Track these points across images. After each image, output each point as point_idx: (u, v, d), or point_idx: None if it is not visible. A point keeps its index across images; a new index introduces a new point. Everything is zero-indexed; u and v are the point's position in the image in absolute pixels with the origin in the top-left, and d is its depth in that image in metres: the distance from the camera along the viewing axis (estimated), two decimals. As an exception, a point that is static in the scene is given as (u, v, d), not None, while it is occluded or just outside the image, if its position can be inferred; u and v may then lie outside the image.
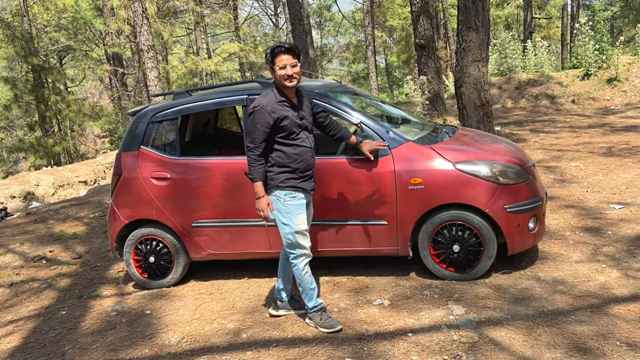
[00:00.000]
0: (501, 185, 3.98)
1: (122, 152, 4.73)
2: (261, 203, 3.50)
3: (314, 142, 3.68)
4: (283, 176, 3.51)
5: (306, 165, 3.55)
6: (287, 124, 3.44)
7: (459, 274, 4.14)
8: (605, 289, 3.78)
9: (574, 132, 9.94)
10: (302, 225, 3.56)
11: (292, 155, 3.50)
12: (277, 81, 3.45)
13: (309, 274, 3.65)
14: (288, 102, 3.48)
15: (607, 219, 5.15)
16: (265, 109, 3.39)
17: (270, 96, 3.47)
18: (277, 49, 3.40)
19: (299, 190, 3.53)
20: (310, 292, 3.67)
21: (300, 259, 3.62)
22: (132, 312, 4.31)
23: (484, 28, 7.10)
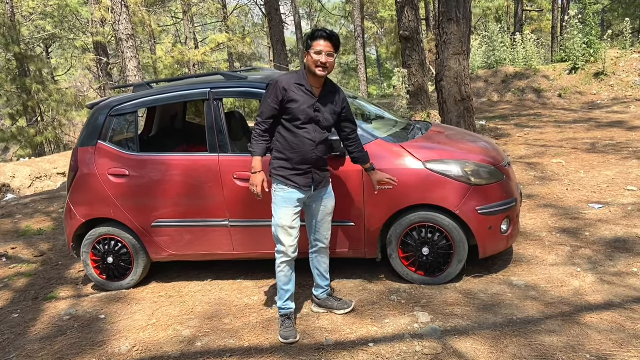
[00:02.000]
0: (473, 186, 3.80)
1: (79, 147, 4.50)
2: (256, 178, 3.32)
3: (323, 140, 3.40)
4: (277, 163, 3.37)
5: (302, 158, 3.32)
6: (294, 108, 3.25)
7: (429, 277, 3.97)
8: (578, 295, 3.62)
9: (559, 127, 9.80)
10: (285, 220, 3.35)
11: (291, 144, 3.31)
12: (308, 66, 3.26)
13: (284, 273, 3.45)
14: (307, 88, 3.30)
15: (586, 219, 4.99)
16: (279, 85, 3.25)
17: (291, 75, 3.35)
18: (318, 33, 3.23)
19: (289, 183, 3.33)
20: (282, 291, 3.48)
21: (279, 254, 3.44)
22: (86, 316, 4.10)
23: (465, 20, 6.89)
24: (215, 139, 4.16)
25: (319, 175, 3.46)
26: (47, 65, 25.81)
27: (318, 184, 3.46)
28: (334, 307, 3.68)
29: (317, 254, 3.65)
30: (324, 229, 3.58)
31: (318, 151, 3.37)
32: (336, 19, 35.75)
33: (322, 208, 3.53)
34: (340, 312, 3.65)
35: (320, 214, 3.54)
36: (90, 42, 27.06)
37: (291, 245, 3.40)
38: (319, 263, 3.67)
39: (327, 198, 3.55)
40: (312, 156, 3.35)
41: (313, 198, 3.49)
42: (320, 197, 3.52)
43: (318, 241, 3.60)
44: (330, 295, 3.75)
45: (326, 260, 3.70)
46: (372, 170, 3.66)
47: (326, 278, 3.71)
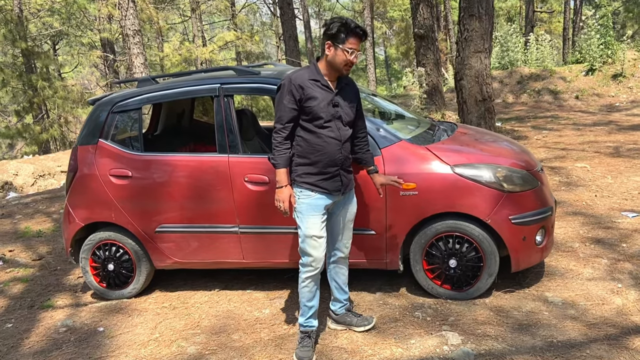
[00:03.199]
0: (505, 193, 3.47)
1: (78, 146, 4.20)
2: (282, 193, 2.99)
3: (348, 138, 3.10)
4: (301, 169, 3.02)
5: (330, 160, 3.00)
6: (314, 105, 2.93)
7: (456, 292, 3.64)
8: (622, 314, 3.29)
9: (578, 130, 9.44)
10: (313, 230, 3.02)
11: (314, 146, 2.98)
12: (335, 63, 2.93)
13: (309, 288, 3.12)
14: (323, 83, 2.98)
15: (620, 228, 4.65)
16: (294, 83, 2.92)
17: (303, 71, 3.00)
18: (356, 29, 2.90)
19: (316, 189, 3.01)
20: (304, 307, 3.15)
21: (305, 268, 3.10)
22: (83, 328, 3.80)
23: (487, 16, 6.56)
24: (225, 139, 3.85)
25: (346, 177, 3.15)
26: (54, 62, 25.59)
27: (346, 187, 3.15)
28: (353, 323, 3.36)
29: (336, 264, 3.33)
30: (345, 237, 3.27)
31: (344, 150, 3.07)
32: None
33: (345, 214, 3.22)
34: (360, 330, 3.33)
35: (342, 221, 3.22)
36: (97, 38, 26.89)
37: (320, 258, 3.08)
38: (337, 275, 3.35)
39: (350, 203, 3.24)
40: (339, 156, 3.04)
41: (337, 203, 3.18)
42: (344, 202, 3.21)
43: (338, 250, 3.28)
44: (349, 310, 3.43)
45: (345, 271, 3.38)
46: (375, 173, 3.35)
47: (345, 291, 3.40)
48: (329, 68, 2.98)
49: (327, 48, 2.93)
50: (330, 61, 2.95)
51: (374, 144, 3.56)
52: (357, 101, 3.17)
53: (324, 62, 2.98)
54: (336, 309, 3.40)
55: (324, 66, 2.99)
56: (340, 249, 3.27)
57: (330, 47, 2.93)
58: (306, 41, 27.96)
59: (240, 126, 4.17)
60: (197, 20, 27.80)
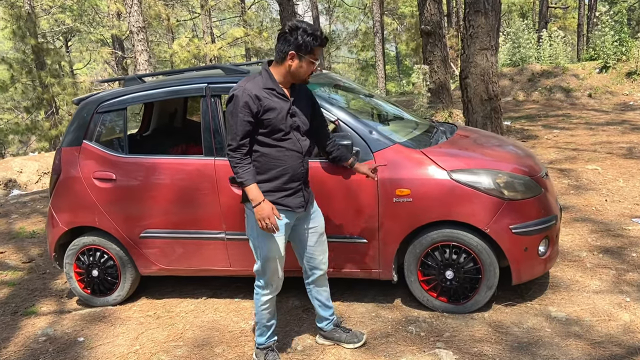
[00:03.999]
0: (506, 200, 3.25)
1: (62, 147, 4.05)
2: (263, 209, 2.69)
3: (309, 148, 2.91)
4: (261, 187, 2.76)
5: (292, 175, 2.79)
6: (272, 118, 2.69)
7: (452, 305, 3.44)
8: (630, 332, 3.06)
9: (591, 130, 9.14)
10: (274, 251, 2.82)
11: (275, 160, 2.76)
12: (298, 74, 2.72)
13: (269, 310, 2.97)
14: (279, 92, 2.74)
15: (631, 236, 4.40)
16: (249, 94, 2.64)
17: (256, 80, 2.72)
18: (324, 39, 2.70)
19: (277, 208, 2.77)
20: (264, 328, 3.00)
21: (264, 291, 2.92)
22: (63, 337, 3.65)
23: (494, 12, 6.31)
24: (212, 141, 3.67)
25: (307, 192, 2.95)
26: (64, 59, 25.65)
27: (307, 202, 2.92)
28: (342, 339, 3.17)
29: (315, 284, 3.11)
30: (320, 252, 3.03)
31: (305, 163, 2.86)
32: (355, 14, 35.10)
33: (313, 229, 2.99)
34: (350, 347, 3.14)
35: (312, 237, 2.99)
36: (108, 35, 26.92)
37: (281, 278, 2.92)
38: (318, 293, 3.13)
39: (315, 217, 3.01)
40: (301, 170, 2.83)
41: (301, 220, 2.95)
42: (308, 217, 2.97)
43: (315, 269, 3.05)
44: (338, 325, 3.23)
45: (326, 287, 3.16)
46: (356, 163, 3.18)
47: (329, 307, 3.19)
48: (287, 77, 2.74)
49: (290, 58, 2.67)
50: (294, 72, 2.71)
51: (366, 147, 3.37)
52: (311, 104, 2.96)
53: (282, 70, 2.73)
54: (324, 326, 3.20)
55: (279, 73, 2.74)
56: (317, 266, 3.05)
57: (294, 57, 2.67)
58: (315, 38, 27.67)
59: (229, 127, 4.00)
60: (207, 17, 27.69)
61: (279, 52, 2.70)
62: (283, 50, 2.68)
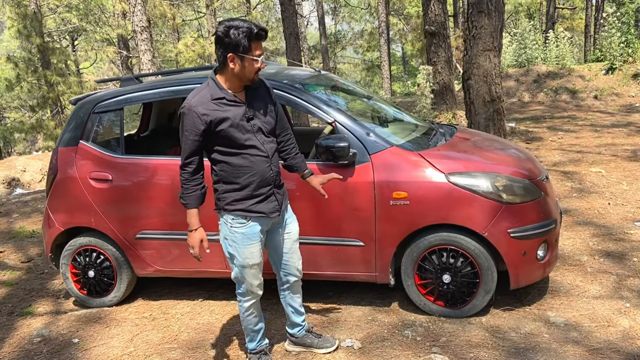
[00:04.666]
0: (505, 204, 3.21)
1: (59, 147, 4.04)
2: (193, 238, 2.68)
3: (275, 150, 2.82)
4: (230, 196, 2.69)
5: (261, 181, 2.70)
6: (226, 128, 2.58)
7: (450, 309, 3.39)
8: (629, 338, 3.01)
9: (596, 132, 9.06)
10: (252, 258, 2.76)
11: (241, 168, 2.66)
12: (243, 75, 2.59)
13: (254, 314, 2.93)
14: (230, 99, 2.61)
15: (633, 240, 4.35)
16: (195, 111, 2.53)
17: (203, 92, 2.60)
18: (259, 33, 2.53)
19: (250, 216, 2.71)
20: (253, 334, 2.97)
21: (245, 297, 2.88)
22: (58, 339, 3.63)
23: (497, 13, 6.25)
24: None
25: (280, 194, 2.85)
26: (70, 58, 25.74)
27: (281, 204, 2.84)
28: (314, 345, 3.12)
29: (290, 290, 3.06)
30: (294, 258, 2.98)
31: (274, 166, 2.76)
32: (361, 14, 35.03)
33: (287, 235, 2.93)
34: (323, 352, 3.09)
35: (287, 243, 2.93)
36: (114, 35, 27.00)
37: (261, 283, 2.88)
38: (292, 299, 3.09)
39: (290, 222, 2.95)
40: (270, 174, 2.74)
41: (276, 225, 2.89)
42: (283, 223, 2.92)
43: (290, 275, 3.00)
44: (309, 331, 3.19)
45: (300, 293, 3.12)
46: (310, 176, 3.01)
47: (302, 312, 3.14)
48: (233, 81, 2.62)
49: (231, 61, 2.54)
50: (239, 73, 2.58)
51: (363, 149, 3.33)
52: (272, 103, 2.82)
53: (227, 76, 2.61)
54: (295, 332, 3.15)
55: (226, 79, 2.63)
56: (292, 273, 3.00)
57: (234, 59, 2.54)
58: (320, 37, 27.71)
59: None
60: (212, 16, 27.71)
61: (219, 57, 2.59)
62: (222, 54, 2.55)
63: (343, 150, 3.21)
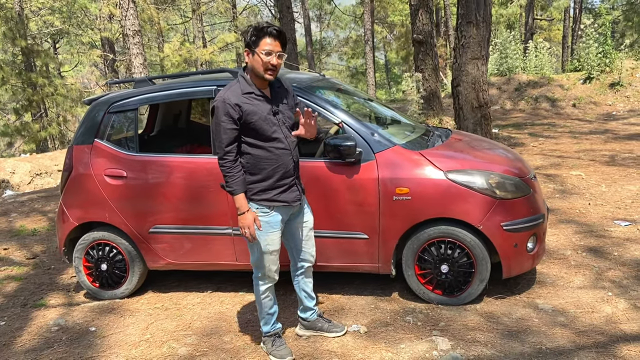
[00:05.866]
0: (498, 199, 3.49)
1: (74, 145, 4.21)
2: (246, 219, 2.87)
3: (296, 143, 3.09)
4: (255, 187, 2.92)
5: (285, 172, 2.95)
6: (256, 120, 2.82)
7: (447, 297, 3.66)
8: (612, 322, 3.30)
9: (575, 138, 9.49)
10: (272, 245, 3.02)
11: (266, 160, 2.90)
12: (255, 69, 2.83)
13: (269, 297, 3.17)
14: (258, 94, 2.87)
15: (612, 237, 4.67)
16: (229, 102, 2.78)
17: (234, 87, 2.86)
18: (266, 29, 2.76)
19: (275, 205, 2.96)
20: (268, 316, 3.19)
21: (263, 281, 3.12)
22: (75, 327, 3.80)
23: (485, 23, 6.59)
24: (220, 141, 3.85)
25: (301, 185, 3.13)
26: (54, 60, 25.59)
27: (301, 194, 3.12)
28: (325, 329, 3.37)
29: (304, 275, 3.31)
30: (309, 246, 3.24)
31: (295, 157, 3.04)
32: (346, 22, 35.48)
33: (305, 223, 3.19)
34: (332, 335, 3.34)
35: (304, 231, 3.20)
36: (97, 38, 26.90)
37: (278, 269, 3.13)
38: (305, 284, 3.34)
39: (307, 211, 3.22)
40: (293, 165, 3.01)
41: (294, 214, 3.15)
42: (301, 211, 3.18)
43: (305, 261, 3.26)
44: (320, 315, 3.44)
45: (311, 278, 3.38)
46: None
47: (314, 297, 3.40)
48: (253, 76, 2.88)
49: (246, 55, 2.83)
50: (252, 67, 2.85)
51: (368, 148, 3.59)
52: (293, 102, 3.10)
53: (249, 72, 2.90)
54: (308, 316, 3.39)
55: (251, 76, 2.90)
56: (307, 259, 3.26)
57: (248, 54, 2.83)
58: (306, 45, 28.01)
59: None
60: (198, 21, 27.84)
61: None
62: (244, 51, 2.86)
63: (350, 149, 3.46)
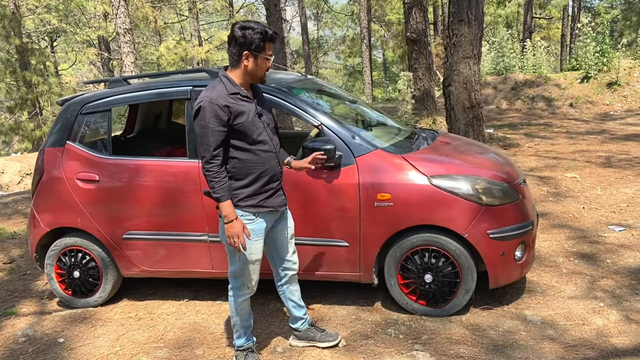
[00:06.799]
0: (484, 206, 3.33)
1: (45, 148, 4.05)
2: (234, 227, 2.70)
3: (280, 146, 2.97)
4: (241, 192, 2.78)
5: (272, 176, 2.84)
6: (244, 121, 2.70)
7: (431, 308, 3.50)
8: (602, 336, 3.15)
9: (571, 138, 9.33)
10: (256, 254, 2.87)
11: (253, 164, 2.77)
12: (255, 73, 2.75)
13: (245, 310, 3.01)
14: (243, 94, 2.75)
15: (606, 243, 4.51)
16: (217, 104, 2.63)
17: (219, 88, 2.71)
18: (271, 35, 2.72)
19: (260, 211, 2.82)
20: (243, 329, 3.04)
21: (240, 291, 2.96)
22: (43, 338, 3.64)
23: (477, 22, 6.43)
24: (196, 143, 3.69)
25: (283, 189, 3.01)
26: (49, 59, 25.41)
27: (285, 198, 3.01)
28: (317, 338, 3.21)
29: (289, 283, 3.16)
30: (292, 252, 3.10)
31: (280, 161, 2.93)
32: (343, 20, 35.30)
33: (286, 229, 3.06)
34: (324, 345, 3.18)
35: (286, 238, 3.06)
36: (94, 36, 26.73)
37: (256, 281, 2.98)
38: (291, 293, 3.18)
39: (289, 217, 3.09)
40: (279, 169, 2.90)
41: (276, 220, 3.01)
42: (283, 218, 3.04)
43: (288, 270, 3.11)
44: (312, 325, 3.28)
45: (298, 286, 3.22)
46: (293, 162, 3.10)
47: (302, 306, 3.23)
48: (245, 78, 2.77)
49: (245, 58, 2.70)
50: (251, 71, 2.74)
51: (348, 151, 3.42)
52: (268, 102, 3.05)
53: (239, 72, 2.75)
54: (299, 326, 3.24)
55: (237, 76, 2.76)
56: (290, 267, 3.11)
57: (249, 57, 2.70)
58: (303, 44, 27.84)
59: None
60: (194, 20, 27.66)
61: (232, 55, 2.73)
62: (237, 52, 2.70)
63: (329, 152, 3.29)
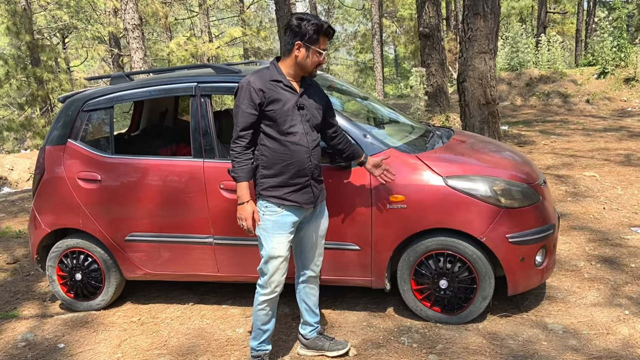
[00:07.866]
0: (503, 208, 3.15)
1: (46, 146, 3.93)
2: (244, 210, 2.69)
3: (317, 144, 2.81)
4: (267, 182, 2.73)
5: (298, 170, 2.72)
6: (277, 109, 2.65)
7: (446, 315, 3.33)
8: (629, 347, 2.96)
9: (588, 136, 9.07)
10: (278, 250, 2.73)
11: (280, 155, 2.69)
12: (305, 65, 2.70)
13: (265, 312, 2.85)
14: (285, 84, 2.70)
15: (629, 246, 4.31)
16: (252, 86, 2.63)
17: (263, 73, 2.71)
18: (329, 29, 2.68)
19: (284, 204, 2.71)
20: (259, 331, 2.89)
21: (263, 290, 2.82)
22: (43, 343, 3.52)
23: (493, 15, 6.21)
24: (201, 142, 3.56)
25: (317, 187, 2.85)
26: (60, 55, 25.45)
27: (317, 198, 2.85)
28: (325, 347, 3.05)
29: (306, 284, 3.03)
30: (316, 254, 2.97)
31: (314, 158, 2.77)
32: (355, 16, 35.01)
33: (316, 230, 2.92)
34: (333, 354, 3.03)
35: (313, 238, 2.92)
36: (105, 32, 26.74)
37: (281, 281, 2.81)
38: (307, 295, 3.05)
39: (322, 217, 2.95)
40: (309, 165, 2.74)
41: (307, 218, 2.88)
42: (315, 217, 2.91)
43: (308, 270, 2.98)
44: (321, 333, 3.13)
45: (316, 292, 3.08)
46: (365, 162, 3.05)
47: (316, 313, 3.09)
48: (295, 69, 2.73)
49: (297, 48, 2.67)
50: (301, 62, 2.70)
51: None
52: (324, 102, 2.90)
53: (289, 62, 2.73)
54: (306, 333, 3.09)
55: (287, 66, 2.74)
56: (311, 268, 2.98)
57: (300, 47, 2.67)
58: (314, 39, 27.54)
59: (220, 129, 3.90)
60: (205, 16, 27.54)
61: (286, 44, 2.71)
62: (290, 41, 2.68)
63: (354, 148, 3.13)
